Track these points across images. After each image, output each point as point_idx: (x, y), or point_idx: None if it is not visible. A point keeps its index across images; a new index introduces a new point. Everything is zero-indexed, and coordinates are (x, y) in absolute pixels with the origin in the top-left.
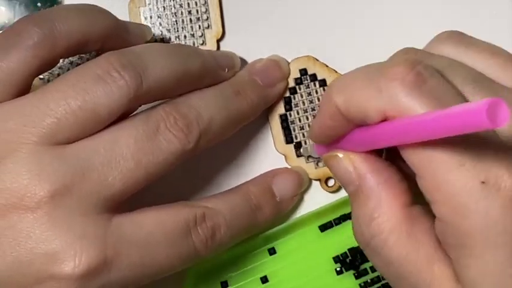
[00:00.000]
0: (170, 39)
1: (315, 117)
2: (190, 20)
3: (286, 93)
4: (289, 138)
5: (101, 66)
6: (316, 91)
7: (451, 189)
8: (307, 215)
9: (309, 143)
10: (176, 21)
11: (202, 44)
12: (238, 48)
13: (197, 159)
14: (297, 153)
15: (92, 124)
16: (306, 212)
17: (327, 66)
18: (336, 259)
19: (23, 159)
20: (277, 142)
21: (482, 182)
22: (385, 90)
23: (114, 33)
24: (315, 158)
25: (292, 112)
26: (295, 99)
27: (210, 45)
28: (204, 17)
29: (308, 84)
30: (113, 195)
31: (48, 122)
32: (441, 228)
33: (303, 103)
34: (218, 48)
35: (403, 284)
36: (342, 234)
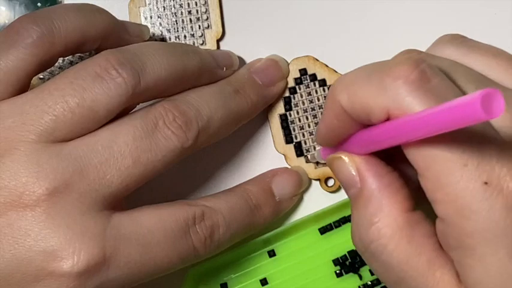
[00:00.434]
0: (170, 39)
1: (315, 117)
2: (190, 20)
3: (286, 93)
4: (289, 138)
5: (99, 64)
6: (316, 91)
7: (453, 190)
8: (307, 217)
9: (317, 149)
10: (176, 21)
11: (202, 44)
12: (238, 48)
13: (197, 159)
14: (297, 153)
15: (90, 122)
16: (305, 211)
17: (327, 66)
18: (335, 262)
19: (21, 157)
20: (277, 142)
21: (485, 182)
22: (389, 89)
23: (113, 33)
24: (323, 163)
25: (292, 112)
26: (295, 99)
27: (210, 45)
28: (204, 17)
29: (308, 84)
30: (111, 192)
31: (46, 119)
32: (443, 230)
33: (303, 103)
34: (218, 48)
35: None
36: (342, 237)
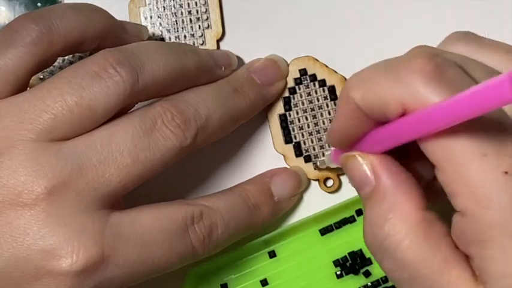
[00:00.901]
0: (170, 39)
1: (314, 117)
2: (190, 20)
3: (286, 93)
4: (288, 138)
5: (97, 63)
6: (316, 91)
7: (473, 181)
8: (307, 218)
9: (326, 154)
10: (176, 21)
11: (202, 44)
12: (238, 48)
13: (196, 158)
14: (296, 153)
15: (89, 120)
16: (304, 212)
17: (326, 66)
18: (336, 263)
19: (20, 155)
20: (276, 142)
21: (505, 172)
22: (405, 81)
23: (111, 32)
24: (333, 168)
25: (291, 112)
26: (294, 99)
27: (210, 45)
28: (204, 17)
29: (308, 85)
30: (110, 191)
31: (44, 118)
32: (462, 224)
33: (303, 103)
34: (218, 48)
35: (418, 287)
36: (342, 238)
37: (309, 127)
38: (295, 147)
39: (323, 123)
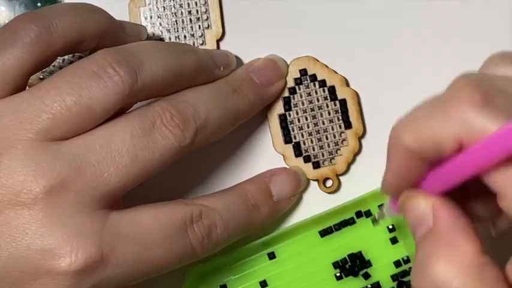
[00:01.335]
0: (170, 39)
1: (314, 117)
2: (190, 20)
3: (286, 93)
4: (288, 138)
5: (96, 63)
6: (316, 91)
7: None
8: (307, 220)
9: (385, 204)
10: (176, 21)
11: (202, 44)
12: (238, 48)
13: (195, 158)
14: (296, 153)
15: (87, 120)
16: (303, 212)
17: (327, 66)
18: (335, 264)
19: (18, 155)
20: (276, 142)
21: None
22: (456, 115)
23: (110, 32)
24: (393, 216)
25: (291, 112)
26: (294, 99)
27: (210, 45)
28: (204, 17)
29: (308, 85)
30: (109, 191)
31: (43, 118)
32: None
33: (303, 103)
34: (218, 48)
35: None
36: (342, 240)
37: (308, 127)
38: (295, 147)
39: (323, 124)
